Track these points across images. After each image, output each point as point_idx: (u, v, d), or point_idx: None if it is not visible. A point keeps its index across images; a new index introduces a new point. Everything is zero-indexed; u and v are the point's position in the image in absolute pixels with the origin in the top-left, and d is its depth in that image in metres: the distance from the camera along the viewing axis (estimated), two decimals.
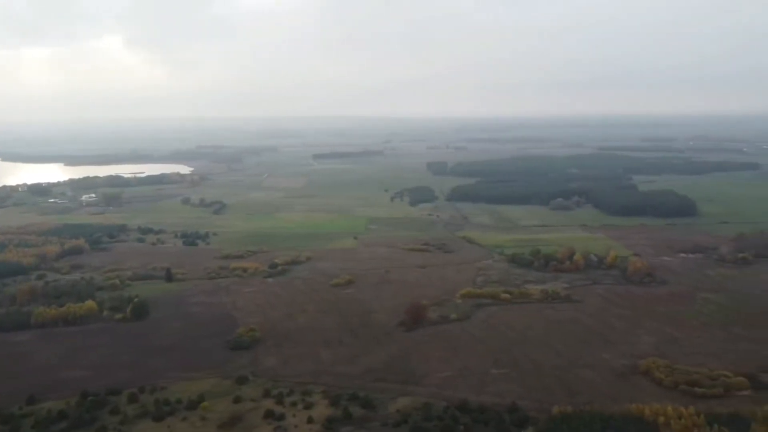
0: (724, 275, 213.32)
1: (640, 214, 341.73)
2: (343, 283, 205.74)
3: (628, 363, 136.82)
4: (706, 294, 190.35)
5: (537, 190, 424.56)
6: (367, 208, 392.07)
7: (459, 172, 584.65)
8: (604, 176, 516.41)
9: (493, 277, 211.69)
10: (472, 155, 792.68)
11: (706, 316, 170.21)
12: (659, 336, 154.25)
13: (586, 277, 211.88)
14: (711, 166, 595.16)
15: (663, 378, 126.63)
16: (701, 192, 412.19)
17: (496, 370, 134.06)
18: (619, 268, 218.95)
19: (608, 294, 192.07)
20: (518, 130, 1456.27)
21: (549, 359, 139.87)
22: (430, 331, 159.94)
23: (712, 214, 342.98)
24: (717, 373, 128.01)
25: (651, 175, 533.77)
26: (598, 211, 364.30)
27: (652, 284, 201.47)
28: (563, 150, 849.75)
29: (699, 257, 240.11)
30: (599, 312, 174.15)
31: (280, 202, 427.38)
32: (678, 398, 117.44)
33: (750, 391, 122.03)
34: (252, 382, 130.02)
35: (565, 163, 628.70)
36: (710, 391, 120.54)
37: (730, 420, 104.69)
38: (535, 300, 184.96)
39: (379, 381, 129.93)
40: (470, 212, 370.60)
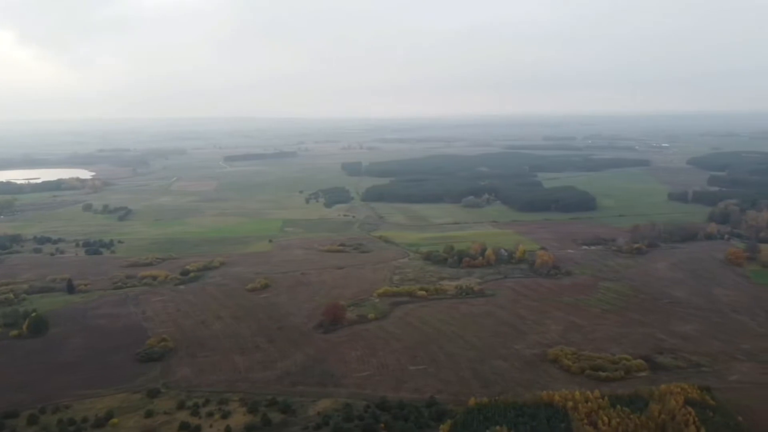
0: (622, 264, 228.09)
1: (545, 209, 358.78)
2: (259, 287, 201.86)
3: (538, 352, 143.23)
4: (607, 283, 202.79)
5: (449, 188, 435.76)
6: (281, 211, 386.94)
7: (373, 172, 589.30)
8: (511, 174, 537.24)
9: (410, 275, 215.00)
10: (385, 155, 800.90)
11: (606, 303, 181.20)
12: (565, 325, 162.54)
13: (497, 271, 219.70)
14: (607, 163, 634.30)
15: (570, 365, 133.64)
16: (599, 187, 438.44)
17: (413, 367, 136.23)
18: (528, 261, 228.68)
19: (518, 287, 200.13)
20: (429, 131, 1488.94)
21: (464, 352, 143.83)
22: (348, 331, 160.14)
23: (609, 208, 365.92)
24: (618, 357, 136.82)
25: (554, 172, 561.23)
26: (507, 208, 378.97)
27: (558, 276, 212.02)
28: (473, 149, 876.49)
29: (599, 248, 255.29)
30: (510, 304, 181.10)
31: (190, 207, 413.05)
32: (584, 383, 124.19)
33: (647, 372, 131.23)
34: (164, 394, 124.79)
35: (475, 162, 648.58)
36: (613, 375, 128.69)
37: (630, 400, 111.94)
38: (450, 296, 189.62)
39: (297, 384, 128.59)
40: (385, 212, 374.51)
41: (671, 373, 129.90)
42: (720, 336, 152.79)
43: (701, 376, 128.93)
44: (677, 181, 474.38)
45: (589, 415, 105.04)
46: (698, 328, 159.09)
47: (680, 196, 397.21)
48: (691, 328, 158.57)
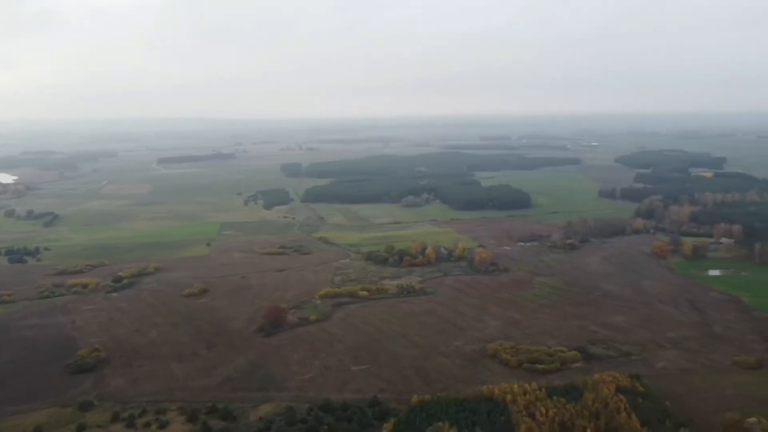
0: (556, 260, 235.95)
1: (483, 207, 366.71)
2: (196, 292, 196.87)
3: (477, 348, 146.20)
4: (542, 278, 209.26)
5: (389, 188, 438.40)
6: (219, 213, 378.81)
7: (313, 173, 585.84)
8: (450, 173, 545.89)
9: (351, 276, 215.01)
10: (325, 156, 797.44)
11: (542, 298, 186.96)
12: (504, 320, 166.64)
13: (437, 269, 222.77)
14: (540, 162, 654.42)
15: (509, 359, 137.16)
16: (534, 185, 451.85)
17: (356, 367, 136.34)
18: (467, 259, 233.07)
19: (458, 284, 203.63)
20: (367, 131, 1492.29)
21: (406, 351, 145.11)
22: (290, 334, 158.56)
23: (544, 205, 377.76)
24: (554, 350, 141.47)
25: (491, 171, 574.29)
26: (446, 207, 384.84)
27: (496, 272, 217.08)
28: (411, 149, 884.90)
29: (535, 245, 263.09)
30: (451, 302, 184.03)
31: (122, 211, 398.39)
32: (522, 376, 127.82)
33: (582, 363, 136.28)
34: (98, 407, 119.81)
35: (414, 162, 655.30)
36: (549, 367, 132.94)
37: (566, 390, 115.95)
38: (391, 295, 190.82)
39: (238, 390, 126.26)
40: (326, 213, 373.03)
41: (604, 363, 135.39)
42: (648, 326, 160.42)
43: (631, 364, 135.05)
44: (606, 178, 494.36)
45: (528, 407, 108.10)
46: (628, 318, 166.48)
47: (609, 193, 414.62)
48: (622, 319, 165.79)
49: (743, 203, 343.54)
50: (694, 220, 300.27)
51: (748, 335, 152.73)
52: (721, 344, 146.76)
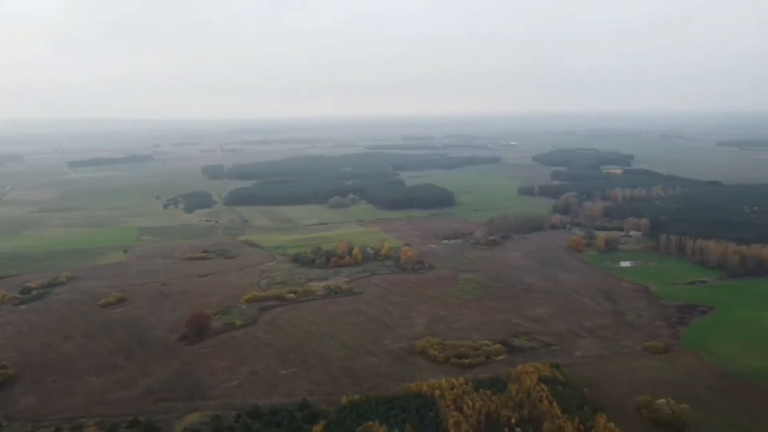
0: (480, 256, 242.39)
1: (408, 206, 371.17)
2: (114, 301, 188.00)
3: (405, 345, 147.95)
4: (466, 274, 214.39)
5: (315, 189, 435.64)
6: (136, 218, 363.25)
7: (236, 174, 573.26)
8: (375, 173, 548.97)
9: (278, 279, 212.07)
10: (248, 157, 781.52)
11: (467, 294, 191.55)
12: (430, 317, 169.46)
13: (364, 269, 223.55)
14: (463, 161, 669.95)
15: (436, 354, 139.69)
16: (457, 184, 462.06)
17: (284, 371, 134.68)
18: (393, 258, 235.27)
19: (385, 283, 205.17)
20: (292, 132, 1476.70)
21: (335, 352, 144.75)
22: (215, 340, 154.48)
23: (467, 203, 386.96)
24: (479, 344, 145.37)
25: (415, 171, 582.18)
26: (372, 206, 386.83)
27: (422, 270, 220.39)
28: (337, 150, 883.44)
29: (459, 242, 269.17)
30: (378, 301, 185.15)
31: (29, 218, 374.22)
32: (450, 371, 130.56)
33: (506, 355, 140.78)
34: (6, 428, 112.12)
35: (340, 163, 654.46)
36: (475, 360, 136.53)
37: (491, 383, 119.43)
38: (319, 296, 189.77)
39: (161, 401, 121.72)
40: (250, 215, 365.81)
41: (526, 354, 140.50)
42: (566, 316, 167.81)
43: (552, 354, 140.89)
44: (525, 176, 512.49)
45: (455, 400, 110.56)
46: (548, 310, 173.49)
47: (528, 190, 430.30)
48: (542, 311, 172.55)
49: (649, 198, 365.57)
50: (606, 214, 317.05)
51: (657, 322, 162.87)
52: (633, 331, 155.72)
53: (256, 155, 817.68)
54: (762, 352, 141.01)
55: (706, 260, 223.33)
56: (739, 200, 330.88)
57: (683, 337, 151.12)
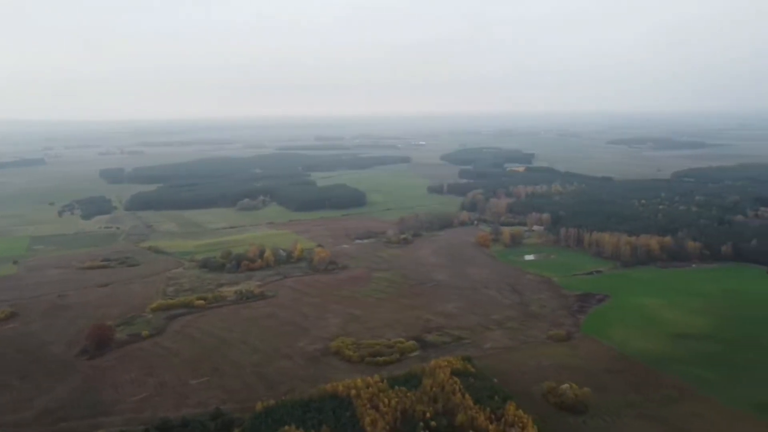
0: (392, 254, 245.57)
1: (319, 207, 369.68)
2: (2, 317, 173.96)
3: (320, 347, 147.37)
4: (380, 273, 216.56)
5: (223, 192, 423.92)
6: (28, 226, 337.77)
7: (138, 178, 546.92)
8: (285, 174, 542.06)
9: (186, 285, 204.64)
10: (151, 160, 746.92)
11: (380, 292, 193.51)
12: (345, 317, 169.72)
13: (277, 272, 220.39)
14: (373, 161, 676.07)
15: (351, 354, 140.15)
16: (368, 184, 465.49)
17: (195, 380, 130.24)
18: (306, 259, 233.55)
19: (298, 285, 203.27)
20: (198, 133, 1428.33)
21: (248, 357, 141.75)
22: (119, 353, 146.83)
23: (378, 203, 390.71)
24: (393, 341, 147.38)
25: (327, 171, 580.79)
26: (283, 208, 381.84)
27: (335, 270, 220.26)
28: (246, 151, 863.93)
29: (371, 241, 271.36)
30: (292, 303, 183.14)
31: None
32: (365, 370, 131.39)
33: (419, 351, 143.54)
34: None
35: (249, 164, 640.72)
36: (389, 358, 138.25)
37: (406, 379, 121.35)
38: (230, 302, 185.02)
39: (60, 421, 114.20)
40: (155, 220, 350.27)
41: (439, 349, 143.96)
42: (476, 310, 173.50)
43: (463, 347, 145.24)
44: (434, 175, 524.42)
45: (371, 399, 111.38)
46: (458, 305, 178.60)
47: (437, 188, 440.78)
48: (453, 306, 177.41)
49: (550, 194, 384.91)
50: (510, 211, 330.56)
51: (559, 311, 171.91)
52: (537, 321, 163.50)
53: (160, 157, 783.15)
54: (651, 334, 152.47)
55: (601, 251, 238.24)
56: (628, 194, 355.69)
57: (583, 325, 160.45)
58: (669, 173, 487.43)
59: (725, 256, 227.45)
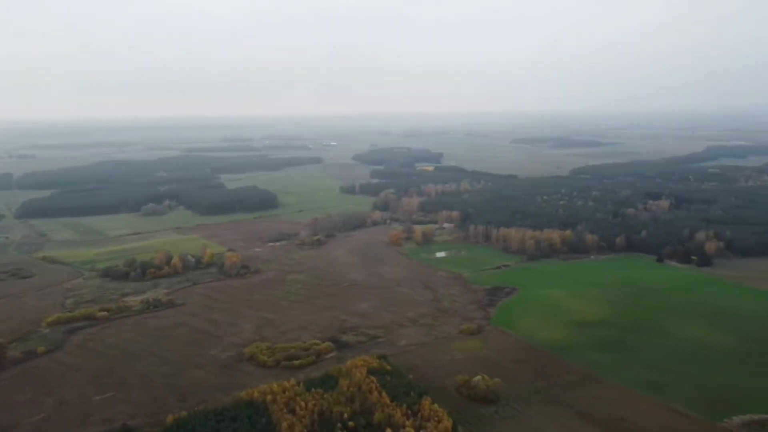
0: (306, 256, 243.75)
1: (230, 210, 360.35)
2: None
3: (234, 353, 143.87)
4: (293, 275, 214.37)
5: (125, 196, 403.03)
6: None
7: (29, 184, 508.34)
8: (193, 177, 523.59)
9: (87, 296, 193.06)
10: (43, 164, 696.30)
11: (294, 295, 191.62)
12: (258, 321, 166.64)
13: (186, 278, 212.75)
14: (284, 162, 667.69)
15: (266, 359, 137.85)
16: (279, 185, 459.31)
17: (100, 396, 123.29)
18: (217, 264, 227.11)
19: (209, 291, 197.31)
20: (96, 135, 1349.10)
21: (157, 369, 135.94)
22: (12, 372, 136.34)
23: (290, 204, 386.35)
24: (309, 344, 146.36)
25: (236, 173, 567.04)
26: (191, 212, 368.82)
27: (247, 275, 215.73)
28: (149, 153, 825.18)
29: (284, 244, 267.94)
30: (203, 310, 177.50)
31: None
32: (281, 374, 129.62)
33: (335, 352, 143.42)
34: None
35: (153, 167, 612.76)
36: (306, 361, 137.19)
37: (323, 381, 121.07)
38: (136, 312, 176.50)
39: None
40: (49, 229, 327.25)
41: (354, 349, 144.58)
42: (390, 308, 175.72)
43: (379, 346, 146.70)
44: (346, 175, 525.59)
45: (288, 403, 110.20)
46: (373, 304, 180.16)
47: (349, 188, 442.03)
48: (368, 305, 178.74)
49: (458, 192, 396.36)
50: (421, 209, 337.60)
51: (470, 306, 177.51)
52: (450, 317, 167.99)
53: (54, 161, 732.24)
54: (555, 324, 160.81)
55: (508, 246, 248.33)
56: (532, 191, 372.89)
57: (493, 318, 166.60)
58: (568, 170, 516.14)
59: (619, 247, 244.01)
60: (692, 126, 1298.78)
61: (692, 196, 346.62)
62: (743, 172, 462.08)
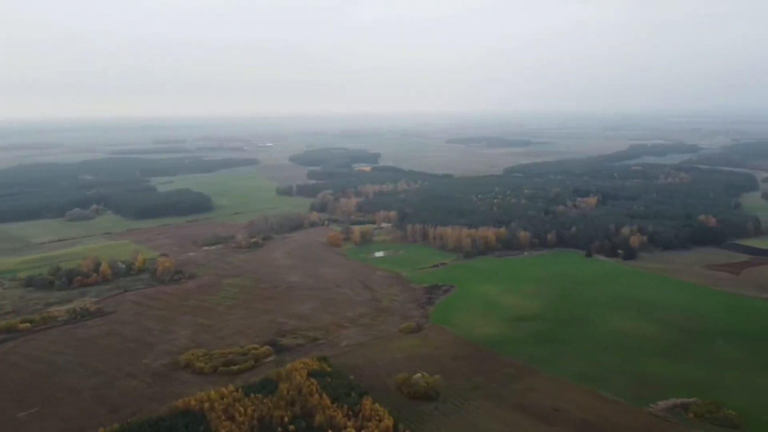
0: (242, 259, 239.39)
1: (162, 214, 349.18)
2: None
3: (168, 361, 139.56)
4: (230, 279, 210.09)
5: (48, 201, 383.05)
6: None
7: None
8: (121, 181, 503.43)
9: (7, 308, 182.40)
10: None
11: (231, 299, 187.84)
12: (194, 327, 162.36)
13: (116, 286, 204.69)
14: (218, 164, 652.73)
15: (203, 366, 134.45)
16: (214, 188, 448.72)
17: (24, 413, 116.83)
18: (149, 270, 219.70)
19: (141, 298, 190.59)
20: (13, 137, 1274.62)
21: (87, 381, 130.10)
22: None
23: (225, 207, 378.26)
24: (247, 348, 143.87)
25: (168, 176, 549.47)
26: (121, 217, 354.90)
27: (182, 280, 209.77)
28: (73, 156, 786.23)
29: (220, 247, 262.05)
30: (135, 318, 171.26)
31: None
32: (219, 381, 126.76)
33: (274, 356, 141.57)
34: None
35: (78, 170, 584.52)
36: (244, 366, 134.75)
37: (262, 386, 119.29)
38: (62, 322, 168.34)
39: None
40: None
41: (294, 352, 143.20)
42: (329, 310, 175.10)
43: (319, 348, 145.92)
44: (282, 176, 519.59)
45: (226, 410, 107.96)
46: (312, 306, 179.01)
47: (286, 190, 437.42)
48: (307, 307, 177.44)
49: (396, 192, 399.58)
50: (359, 209, 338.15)
51: (409, 304, 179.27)
52: (389, 316, 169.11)
53: None
54: (492, 319, 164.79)
55: (445, 244, 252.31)
56: (467, 190, 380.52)
57: (431, 315, 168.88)
58: (501, 169, 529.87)
59: (551, 243, 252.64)
60: (616, 126, 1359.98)
61: (617, 193, 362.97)
62: (663, 169, 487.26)
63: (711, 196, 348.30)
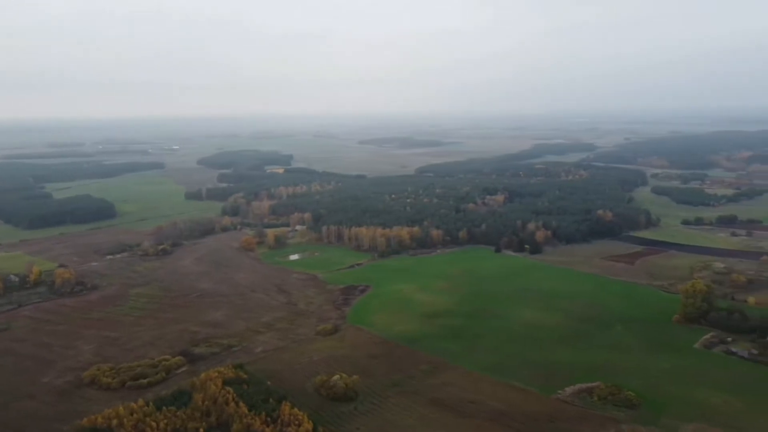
0: (150, 267, 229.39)
1: (59, 223, 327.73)
2: None
3: (71, 378, 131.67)
4: (137, 289, 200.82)
5: None
6: None
7: None
8: (12, 187, 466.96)
9: None
10: None
11: (139, 309, 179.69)
12: (99, 341, 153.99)
13: (8, 301, 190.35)
14: (121, 168, 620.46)
15: (110, 381, 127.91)
16: (116, 193, 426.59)
17: None
18: (46, 283, 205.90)
19: (38, 313, 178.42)
20: None
21: None
22: None
23: (130, 213, 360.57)
24: (158, 360, 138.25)
25: (64, 182, 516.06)
26: (12, 226, 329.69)
27: (83, 292, 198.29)
28: None
29: (125, 256, 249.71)
30: (31, 334, 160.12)
31: None
32: (128, 395, 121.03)
33: (187, 366, 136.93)
34: None
35: None
36: (155, 379, 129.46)
37: (175, 398, 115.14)
38: None
39: None
40: None
41: (208, 361, 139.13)
42: (244, 315, 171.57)
43: (234, 355, 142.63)
44: (191, 180, 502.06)
45: (137, 426, 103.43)
46: (226, 313, 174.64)
47: (195, 194, 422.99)
48: (220, 314, 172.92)
49: (310, 194, 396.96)
50: (273, 212, 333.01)
51: (325, 306, 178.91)
52: (306, 319, 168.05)
53: None
54: (407, 317, 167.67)
55: (360, 245, 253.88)
56: (380, 190, 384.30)
57: (348, 316, 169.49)
58: (413, 169, 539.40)
59: (462, 240, 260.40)
60: (520, 126, 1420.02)
61: (523, 190, 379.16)
62: (564, 167, 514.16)
63: (607, 192, 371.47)
